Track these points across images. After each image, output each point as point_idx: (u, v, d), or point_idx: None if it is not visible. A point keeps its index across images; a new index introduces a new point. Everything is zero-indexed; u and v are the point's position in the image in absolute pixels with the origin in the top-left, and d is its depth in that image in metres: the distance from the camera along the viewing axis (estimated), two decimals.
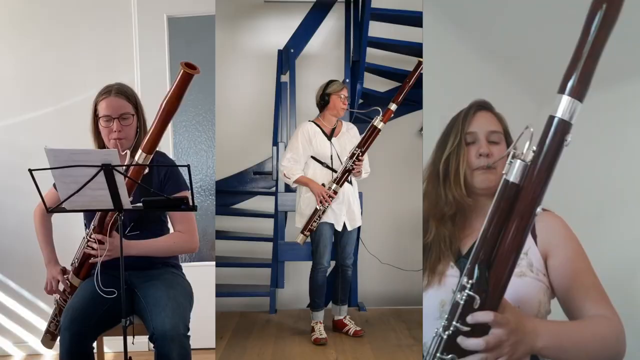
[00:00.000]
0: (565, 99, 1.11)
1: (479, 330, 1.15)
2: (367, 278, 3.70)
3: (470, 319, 1.15)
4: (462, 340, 1.16)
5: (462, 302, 1.17)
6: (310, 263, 3.08)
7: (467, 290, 1.17)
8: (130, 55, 3.03)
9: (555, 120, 1.12)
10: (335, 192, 2.90)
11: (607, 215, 1.95)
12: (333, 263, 3.14)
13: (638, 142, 1.90)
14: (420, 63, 2.92)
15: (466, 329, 1.16)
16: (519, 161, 1.16)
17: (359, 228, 3.12)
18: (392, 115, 2.99)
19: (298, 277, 3.63)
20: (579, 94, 1.11)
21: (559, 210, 1.47)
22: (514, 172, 1.16)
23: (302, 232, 2.97)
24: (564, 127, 1.12)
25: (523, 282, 1.37)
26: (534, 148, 1.14)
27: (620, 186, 1.94)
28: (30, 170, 1.52)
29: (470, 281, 1.17)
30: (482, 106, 1.54)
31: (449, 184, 1.48)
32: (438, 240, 1.49)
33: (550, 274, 1.40)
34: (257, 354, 2.80)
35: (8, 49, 3.01)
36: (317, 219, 2.92)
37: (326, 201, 2.88)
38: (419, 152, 3.51)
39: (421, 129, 3.64)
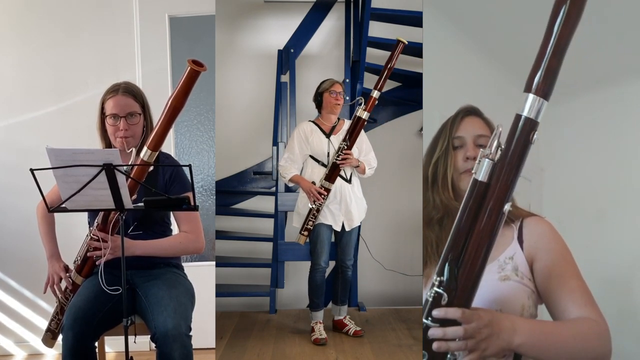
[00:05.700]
0: (531, 98, 1.14)
1: (451, 325, 1.17)
2: (367, 278, 3.71)
3: (436, 312, 1.17)
4: (434, 332, 1.17)
5: (430, 299, 1.20)
6: (310, 263, 3.08)
7: (435, 288, 1.19)
8: (132, 55, 3.03)
9: (522, 118, 1.15)
10: (328, 190, 2.88)
11: (607, 216, 1.94)
12: (332, 263, 3.15)
13: (638, 144, 1.90)
14: (399, 42, 2.83)
15: (435, 325, 1.18)
16: (487, 160, 1.18)
17: (359, 228, 3.11)
18: (376, 102, 2.88)
19: (298, 277, 3.64)
20: (544, 92, 1.14)
21: (560, 212, 1.47)
22: (482, 171, 1.18)
23: (300, 232, 2.96)
24: (530, 125, 1.14)
25: (506, 286, 1.38)
26: (502, 147, 1.17)
27: (621, 187, 1.94)
28: (31, 170, 1.51)
29: (439, 278, 1.19)
30: (470, 112, 1.56)
31: (437, 188, 1.52)
32: (425, 244, 1.52)
33: (536, 278, 1.41)
34: (257, 354, 2.80)
35: (9, 49, 3.01)
36: (312, 218, 2.90)
37: (317, 199, 2.86)
38: (419, 152, 3.52)
39: (421, 129, 3.64)
